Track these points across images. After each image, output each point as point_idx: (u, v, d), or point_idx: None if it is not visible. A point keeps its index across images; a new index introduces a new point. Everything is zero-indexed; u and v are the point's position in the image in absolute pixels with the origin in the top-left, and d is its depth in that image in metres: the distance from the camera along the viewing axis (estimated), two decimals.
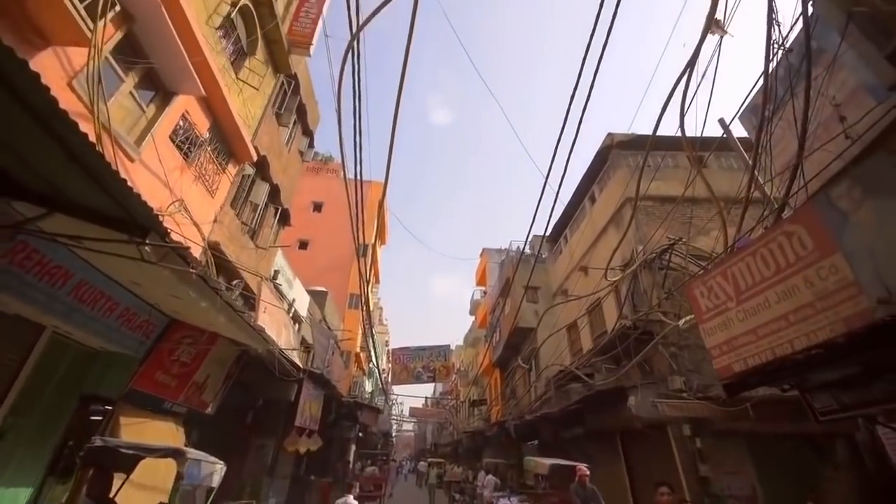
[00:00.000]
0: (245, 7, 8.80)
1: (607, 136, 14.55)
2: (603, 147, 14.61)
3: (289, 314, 12.04)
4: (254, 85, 9.57)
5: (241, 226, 9.83)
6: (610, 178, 14.14)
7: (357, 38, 4.74)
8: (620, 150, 14.06)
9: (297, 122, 13.38)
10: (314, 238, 28.18)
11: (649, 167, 11.68)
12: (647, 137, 12.26)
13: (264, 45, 10.00)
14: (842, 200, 3.32)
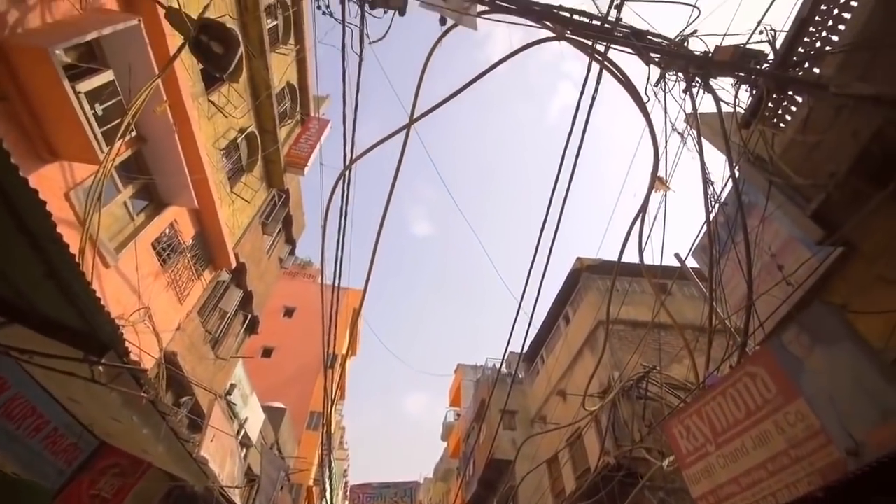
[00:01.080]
0: (251, 133, 9.75)
1: (577, 261, 15.49)
2: (573, 270, 15.44)
3: (237, 438, 10.84)
4: (246, 198, 10.09)
5: (204, 335, 9.40)
6: (582, 300, 14.66)
7: (349, 168, 5.25)
8: (590, 274, 14.85)
9: (282, 231, 13.83)
10: (280, 346, 26.85)
11: (618, 291, 12.27)
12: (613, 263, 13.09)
13: (262, 164, 10.83)
14: (793, 346, 3.54)
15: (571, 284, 15.53)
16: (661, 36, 4.57)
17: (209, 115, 7.84)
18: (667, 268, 9.66)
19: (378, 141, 5.37)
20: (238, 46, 4.04)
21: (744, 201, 5.28)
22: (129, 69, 4.35)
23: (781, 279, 4.88)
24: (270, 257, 12.99)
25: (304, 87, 12.15)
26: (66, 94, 3.75)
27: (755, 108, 4.54)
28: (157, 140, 5.78)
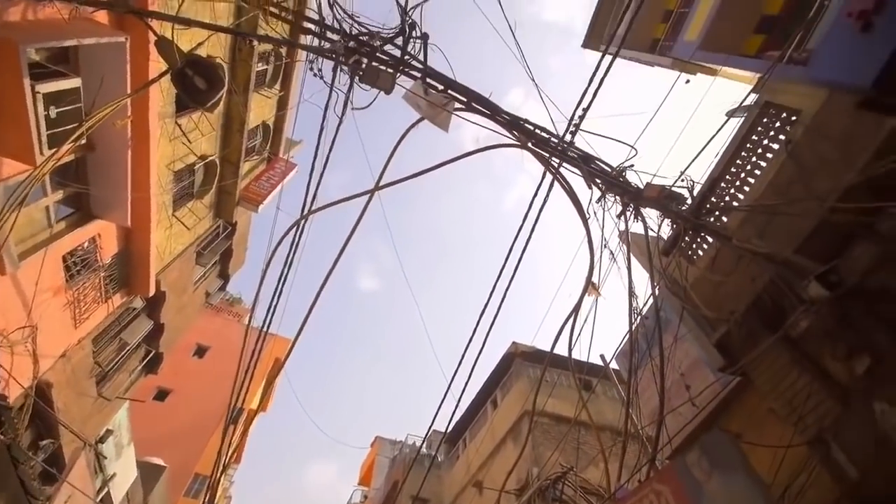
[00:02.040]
0: (212, 162, 9.56)
1: (512, 345, 15.74)
2: (508, 353, 15.62)
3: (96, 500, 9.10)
4: (187, 224, 9.59)
5: (91, 366, 8.24)
6: (512, 385, 14.68)
7: (304, 219, 5.25)
8: (523, 361, 15.07)
9: (217, 264, 13.05)
10: (179, 389, 23.78)
11: (547, 382, 12.48)
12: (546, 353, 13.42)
13: (216, 193, 10.50)
14: (695, 468, 3.75)
15: (504, 368, 15.61)
16: (605, 163, 5.27)
17: (172, 137, 7.67)
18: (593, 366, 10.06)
19: (339, 200, 5.48)
20: (222, 87, 4.15)
21: (662, 318, 5.82)
22: (101, 81, 4.27)
23: (688, 399, 5.27)
24: (196, 290, 12.07)
25: (278, 128, 12.32)
26: (24, 90, 3.59)
27: (674, 241, 5.21)
28: (106, 151, 5.52)
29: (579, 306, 5.94)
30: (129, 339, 9.15)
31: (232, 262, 13.58)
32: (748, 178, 5.86)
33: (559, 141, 5.09)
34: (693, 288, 5.16)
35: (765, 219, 4.99)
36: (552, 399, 11.08)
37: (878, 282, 3.49)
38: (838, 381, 3.73)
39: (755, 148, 5.87)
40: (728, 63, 7.03)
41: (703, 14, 7.34)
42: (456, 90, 4.80)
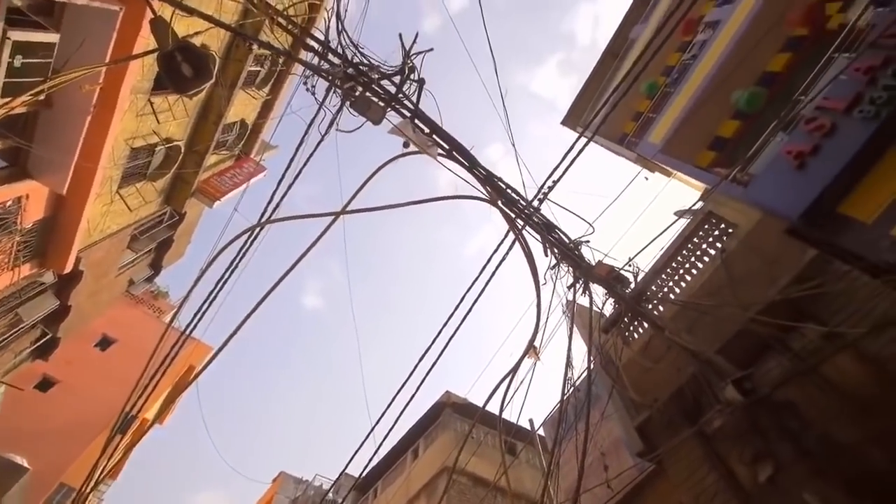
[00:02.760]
0: (176, 147, 9.14)
1: (445, 393, 15.40)
2: (439, 402, 15.23)
3: None
4: (130, 204, 8.95)
5: None
6: (437, 437, 14.21)
7: (260, 227, 5.06)
8: (453, 412, 14.72)
9: (152, 253, 12.12)
10: (68, 381, 20.98)
11: (472, 439, 12.20)
12: (477, 408, 13.26)
13: (171, 179, 9.96)
14: None
15: (432, 417, 15.16)
16: (564, 234, 5.56)
17: (140, 113, 7.31)
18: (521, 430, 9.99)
19: (302, 215, 5.37)
20: (208, 80, 4.07)
21: (593, 392, 5.98)
22: (81, 44, 4.07)
23: (605, 481, 5.33)
24: (120, 275, 11.08)
25: (256, 130, 12.08)
26: None
27: (614, 321, 5.48)
28: (64, 112, 5.16)
29: (517, 367, 6.00)
30: (26, 316, 8.11)
31: (169, 253, 12.67)
32: (686, 276, 6.36)
33: (526, 205, 5.34)
34: (624, 369, 5.39)
35: (695, 316, 5.39)
36: (475, 458, 10.82)
37: (785, 395, 3.81)
38: (743, 484, 3.94)
39: (695, 249, 6.44)
40: (682, 170, 7.82)
41: (667, 123, 8.22)
42: (440, 136, 4.98)
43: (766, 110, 6.80)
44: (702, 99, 7.46)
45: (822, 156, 4.57)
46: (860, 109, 4.31)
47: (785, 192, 4.86)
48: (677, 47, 9.58)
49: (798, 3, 6.46)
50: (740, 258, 5.43)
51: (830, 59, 5.28)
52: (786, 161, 4.86)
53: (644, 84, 9.93)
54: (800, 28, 6.60)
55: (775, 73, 6.92)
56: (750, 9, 7.09)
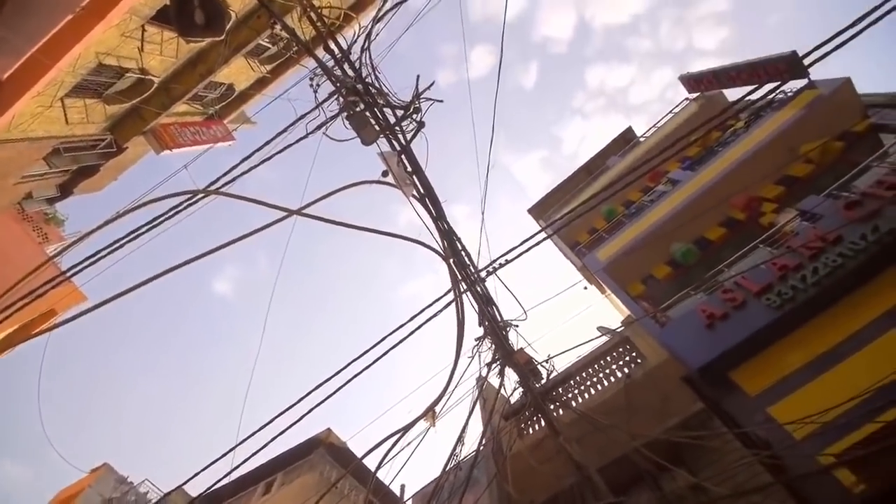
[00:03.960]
0: (149, 81, 8.52)
1: (325, 430, 14.29)
2: (315, 438, 14.07)
3: None
4: (70, 117, 8.05)
5: None
6: (299, 476, 12.93)
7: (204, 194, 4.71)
8: (327, 453, 13.62)
9: (68, 174, 10.78)
10: None
11: (335, 490, 11.28)
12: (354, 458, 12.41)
13: (127, 110, 9.17)
14: None
15: (303, 452, 13.89)
16: (499, 312, 5.69)
17: (126, 34, 6.83)
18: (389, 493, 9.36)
19: (253, 199, 5.10)
20: (217, 36, 3.94)
21: (473, 476, 5.85)
22: None
23: None
24: (20, 184, 9.66)
25: (242, 98, 11.60)
26: None
27: (516, 410, 5.53)
28: (43, 2, 4.70)
29: (409, 427, 5.78)
30: None
31: (87, 182, 11.32)
32: (591, 389, 6.67)
33: (475, 272, 5.47)
34: (511, 460, 5.37)
35: (588, 430, 5.59)
36: None
37: None
38: None
39: (605, 367, 6.83)
40: (615, 292, 8.48)
41: (614, 247, 9.01)
42: (419, 179, 5.08)
43: (695, 268, 7.69)
44: (647, 238, 8.30)
45: (729, 324, 5.19)
46: (768, 297, 5.02)
47: (691, 343, 5.39)
48: (641, 188, 10.80)
49: (744, 192, 7.60)
50: (640, 389, 5.82)
51: (756, 246, 6.17)
52: (699, 318, 5.45)
53: (605, 207, 10.97)
54: (739, 212, 7.72)
55: (710, 240, 7.93)
56: (706, 181, 8.24)
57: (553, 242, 12.76)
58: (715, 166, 8.42)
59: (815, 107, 7.40)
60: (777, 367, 4.60)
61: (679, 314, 6.17)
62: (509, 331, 5.79)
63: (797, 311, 4.77)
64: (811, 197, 6.11)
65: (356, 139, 5.01)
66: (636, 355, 6.59)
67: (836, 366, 4.26)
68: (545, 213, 14.71)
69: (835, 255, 4.80)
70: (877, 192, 4.98)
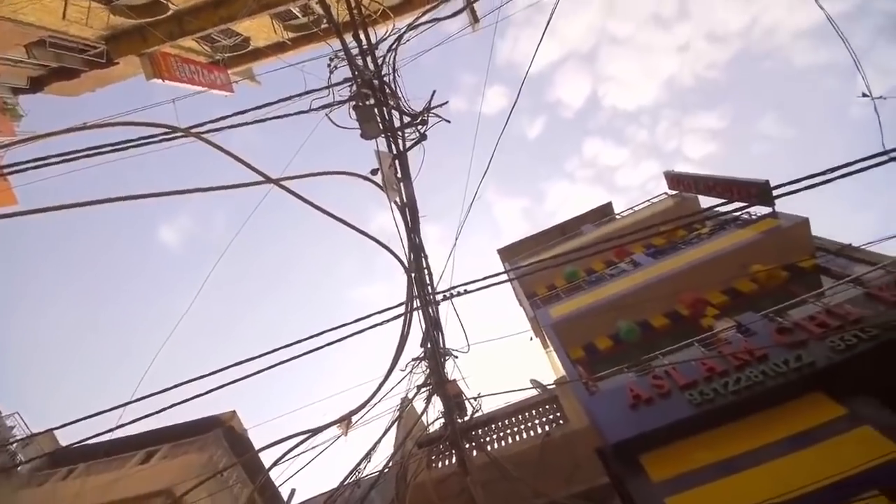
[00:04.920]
0: (164, 5, 8.22)
1: (230, 412, 13.46)
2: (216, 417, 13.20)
3: None
4: (69, 14, 7.59)
5: None
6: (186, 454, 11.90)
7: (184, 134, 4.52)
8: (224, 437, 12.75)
9: (45, 70, 10.04)
10: None
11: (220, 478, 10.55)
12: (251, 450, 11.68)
13: (134, 29, 8.76)
14: None
15: (199, 429, 12.93)
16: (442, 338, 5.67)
17: None
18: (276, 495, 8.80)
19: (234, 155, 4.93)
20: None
21: (370, 497, 5.64)
22: None
23: None
24: None
25: (254, 55, 11.33)
26: None
27: (432, 440, 5.43)
28: None
29: (319, 430, 5.56)
30: None
31: (63, 84, 10.58)
32: (509, 437, 6.69)
33: (431, 293, 5.46)
34: (413, 489, 5.24)
35: (497, 476, 5.57)
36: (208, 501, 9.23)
37: None
38: None
39: (528, 420, 6.89)
40: (556, 350, 8.67)
41: (567, 308, 9.30)
42: (405, 188, 5.10)
43: (634, 348, 8.02)
44: (598, 309, 8.63)
45: (652, 409, 5.41)
46: (691, 393, 5.29)
47: (613, 418, 5.56)
48: (605, 261, 11.30)
49: (693, 292, 8.09)
50: (556, 449, 5.90)
51: (692, 343, 6.54)
52: (626, 395, 5.66)
53: (569, 269, 11.36)
54: (684, 308, 8.19)
55: (653, 326, 8.33)
56: (663, 272, 8.74)
57: (513, 287, 13.01)
58: (674, 261, 8.97)
59: (771, 235, 8.10)
60: (684, 461, 4.81)
61: (608, 387, 6.38)
62: (447, 360, 5.77)
63: (713, 413, 5.05)
64: (749, 313, 6.59)
65: (356, 131, 5.00)
66: (560, 416, 6.71)
67: (736, 473, 4.50)
68: (513, 257, 15.03)
69: (758, 371, 5.16)
70: (807, 326, 5.45)
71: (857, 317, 5.23)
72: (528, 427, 6.72)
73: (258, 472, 10.70)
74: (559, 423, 6.56)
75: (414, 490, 5.30)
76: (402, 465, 5.54)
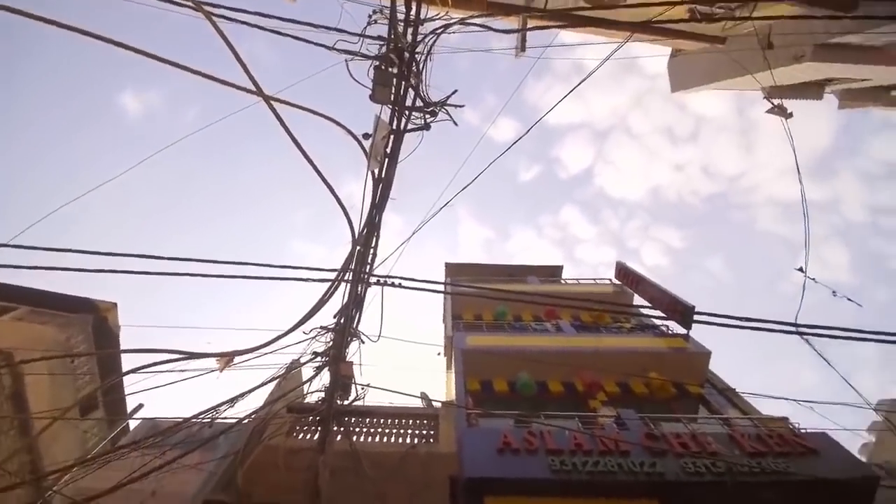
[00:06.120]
0: None
1: (111, 303, 12.38)
2: (94, 302, 12.08)
3: None
4: None
5: None
6: (42, 324, 10.81)
7: None
8: (91, 323, 11.66)
9: None
10: None
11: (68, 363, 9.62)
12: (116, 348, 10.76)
13: None
14: None
15: (67, 304, 11.73)
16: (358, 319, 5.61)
17: None
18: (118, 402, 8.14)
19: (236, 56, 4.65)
20: None
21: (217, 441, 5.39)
22: None
23: None
24: None
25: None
26: None
27: (303, 409, 5.29)
28: None
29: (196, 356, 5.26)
30: None
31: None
32: (378, 436, 6.69)
33: (367, 274, 5.40)
34: (263, 449, 5.08)
35: (348, 468, 5.54)
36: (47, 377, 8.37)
37: None
38: None
39: (402, 427, 6.94)
40: (457, 375, 8.85)
41: (482, 342, 9.58)
42: (388, 166, 5.04)
43: (524, 400, 8.39)
44: (510, 354, 8.93)
45: (515, 459, 5.66)
46: (553, 458, 5.61)
47: (478, 455, 5.75)
48: (534, 314, 11.76)
49: (593, 373, 8.61)
50: (415, 463, 5.99)
51: (573, 416, 6.95)
52: (498, 439, 5.88)
53: (501, 307, 11.71)
54: (580, 384, 8.69)
55: (548, 388, 8.76)
56: (577, 346, 9.28)
57: (444, 303, 13.18)
58: (591, 340, 9.55)
59: (676, 353, 8.87)
60: None
61: (486, 426, 6.60)
62: (354, 341, 5.71)
63: (565, 484, 5.38)
64: (631, 411, 7.13)
65: (366, 91, 4.90)
66: (433, 434, 6.81)
67: None
68: (457, 275, 15.28)
69: (616, 462, 5.58)
70: (671, 441, 5.98)
71: (713, 450, 5.82)
72: (400, 434, 6.76)
73: (112, 374, 9.87)
74: (429, 440, 6.66)
75: (264, 450, 5.14)
76: (263, 422, 5.36)
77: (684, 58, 10.27)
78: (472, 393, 8.72)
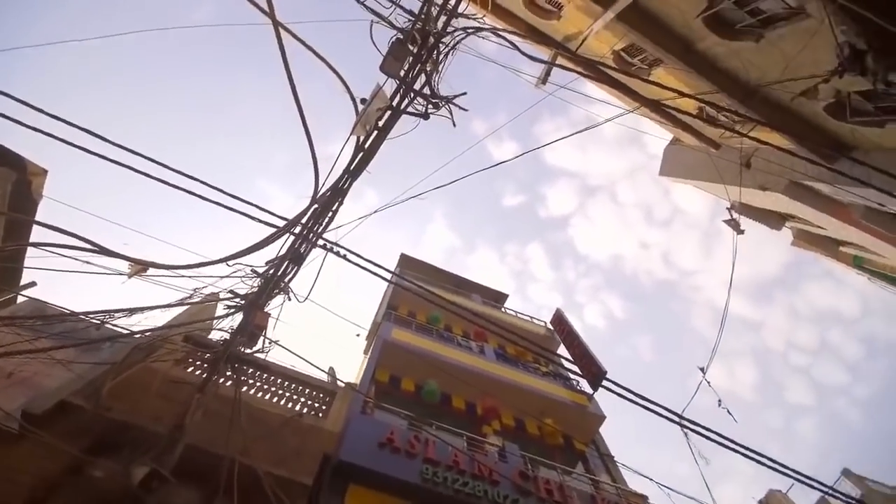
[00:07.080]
0: None
1: (43, 169, 11.27)
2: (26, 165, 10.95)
3: None
4: None
5: None
6: None
7: None
8: (13, 179, 10.57)
9: None
10: None
11: None
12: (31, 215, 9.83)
13: None
14: None
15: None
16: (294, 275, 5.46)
17: None
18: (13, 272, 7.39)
19: None
20: None
21: (103, 348, 5.05)
22: None
23: None
24: None
25: None
26: None
27: (203, 344, 5.08)
28: None
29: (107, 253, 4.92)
30: None
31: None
32: (268, 394, 6.51)
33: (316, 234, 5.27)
34: (144, 369, 4.81)
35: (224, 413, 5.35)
36: None
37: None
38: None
39: (296, 392, 6.81)
40: (370, 362, 8.81)
41: (405, 339, 9.59)
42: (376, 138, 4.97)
43: (424, 406, 8.49)
44: (429, 359, 9.01)
45: (392, 457, 5.71)
46: (427, 467, 5.70)
47: (360, 442, 5.74)
48: (464, 330, 11.95)
49: (497, 402, 8.84)
50: (295, 431, 5.90)
51: (462, 434, 7.09)
52: (383, 433, 5.91)
53: (435, 312, 11.80)
54: (481, 408, 8.91)
55: (451, 401, 8.90)
56: (493, 372, 9.50)
57: (384, 291, 13.11)
58: (506, 371, 9.81)
59: (575, 408, 9.31)
60: None
61: (379, 419, 6.61)
62: (279, 294, 5.56)
63: (429, 494, 5.48)
64: (516, 446, 7.39)
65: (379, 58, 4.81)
66: (324, 410, 6.73)
67: None
68: (406, 269, 15.29)
69: (484, 488, 5.76)
70: (539, 485, 6.25)
71: None
72: (291, 398, 6.63)
73: (17, 239, 8.96)
74: (318, 414, 6.57)
75: (143, 369, 4.87)
76: (151, 340, 5.08)
77: (679, 148, 10.86)
78: (378, 383, 8.70)
